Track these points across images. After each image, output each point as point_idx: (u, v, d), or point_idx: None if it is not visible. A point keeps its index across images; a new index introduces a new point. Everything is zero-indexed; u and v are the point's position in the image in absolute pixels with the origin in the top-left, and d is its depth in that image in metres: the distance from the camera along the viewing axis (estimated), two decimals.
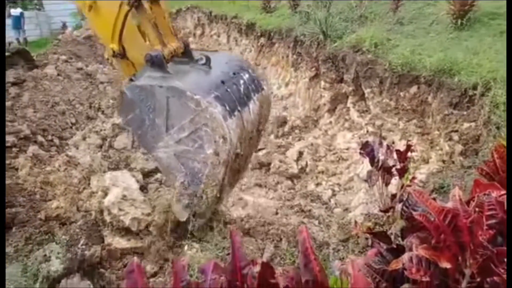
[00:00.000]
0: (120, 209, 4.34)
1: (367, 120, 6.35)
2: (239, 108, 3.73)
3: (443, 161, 4.65)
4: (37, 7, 24.02)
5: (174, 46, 4.02)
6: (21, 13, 19.71)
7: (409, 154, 2.61)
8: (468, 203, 1.33)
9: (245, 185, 5.91)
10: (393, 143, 5.74)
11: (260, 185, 5.88)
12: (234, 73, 3.99)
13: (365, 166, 4.97)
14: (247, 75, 4.08)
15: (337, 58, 7.11)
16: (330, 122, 7.05)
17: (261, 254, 4.13)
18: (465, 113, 4.77)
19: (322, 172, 5.93)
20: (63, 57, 9.68)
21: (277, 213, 5.31)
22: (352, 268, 1.01)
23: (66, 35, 13.22)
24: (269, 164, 6.11)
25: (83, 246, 4.01)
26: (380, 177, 2.23)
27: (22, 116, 7.16)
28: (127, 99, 3.81)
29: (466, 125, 4.65)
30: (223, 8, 13.18)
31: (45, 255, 3.72)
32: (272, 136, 7.10)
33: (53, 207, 4.94)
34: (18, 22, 19.28)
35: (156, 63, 3.74)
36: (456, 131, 4.70)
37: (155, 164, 4.99)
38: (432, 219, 1.30)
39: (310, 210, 5.19)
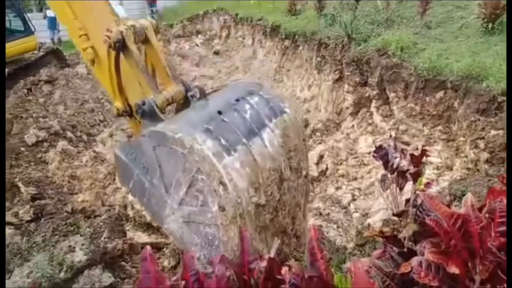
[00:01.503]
0: None
1: (390, 124, 6.26)
2: (244, 141, 2.82)
3: (468, 169, 4.53)
4: None
5: (171, 91, 3.37)
6: None
7: (424, 159, 2.55)
8: (480, 209, 1.32)
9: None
10: (417, 149, 5.63)
11: None
12: (237, 99, 3.09)
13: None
14: (256, 98, 3.14)
15: (362, 61, 7.04)
16: (353, 126, 6.99)
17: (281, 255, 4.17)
18: (492, 120, 4.63)
19: (343, 176, 5.89)
20: None
21: None
22: (354, 267, 1.03)
23: None
24: None
25: (106, 239, 4.16)
26: (394, 181, 2.22)
27: (53, 112, 7.49)
28: (123, 163, 3.30)
29: (493, 132, 4.51)
30: (249, 10, 13.30)
31: (70, 246, 3.88)
32: None
33: (79, 201, 5.16)
34: (53, 23, 20.03)
35: (147, 113, 3.17)
36: (483, 138, 4.57)
37: None
38: (443, 224, 1.30)
39: (328, 214, 5.17)
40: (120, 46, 3.14)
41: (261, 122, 3.03)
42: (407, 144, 5.77)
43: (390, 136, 6.21)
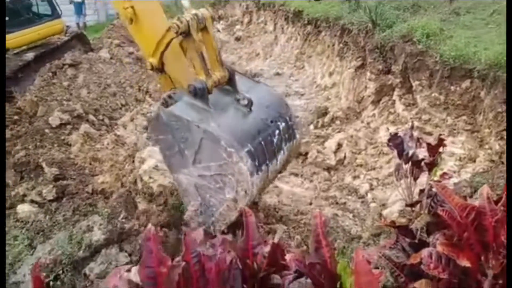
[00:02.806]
0: (150, 177, 4.58)
1: (413, 114, 6.08)
2: (267, 162, 3.74)
3: (492, 161, 4.36)
4: None
5: (219, 75, 3.91)
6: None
7: (446, 149, 2.47)
8: (497, 202, 1.26)
9: (281, 174, 5.93)
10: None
11: (296, 175, 5.87)
12: (271, 121, 3.92)
13: None
14: (283, 124, 4.01)
15: (385, 48, 6.84)
16: (374, 115, 6.84)
17: (291, 242, 4.18)
18: None
19: (361, 165, 5.80)
20: (116, 41, 10.15)
21: (311, 204, 5.29)
22: (356, 256, 1.01)
23: (120, 20, 13.81)
24: (307, 154, 6.07)
25: (123, 220, 4.26)
26: (408, 171, 2.15)
27: (76, 96, 7.65)
28: (162, 121, 3.78)
29: None
30: None
31: (88, 226, 4.00)
32: (311, 126, 7.03)
33: (99, 182, 5.29)
34: (80, 8, 20.38)
35: (199, 95, 3.69)
36: None
37: None
38: (456, 216, 1.25)
39: (345, 203, 5.12)
40: (182, 33, 3.64)
41: (280, 147, 3.97)
42: (430, 134, 5.61)
43: (412, 126, 6.05)
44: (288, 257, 1.08)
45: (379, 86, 6.84)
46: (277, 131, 3.91)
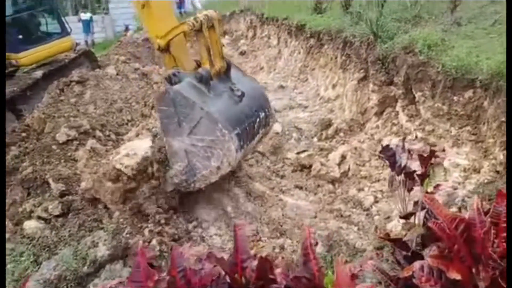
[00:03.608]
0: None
1: (416, 125, 6.07)
2: (248, 143, 4.79)
3: (497, 172, 4.32)
4: (105, 11, 25.85)
5: (219, 66, 4.83)
6: (91, 17, 21.35)
7: (449, 161, 2.46)
8: (487, 214, 1.26)
9: (285, 187, 5.93)
10: (444, 150, 5.45)
11: (300, 187, 5.87)
12: (256, 110, 5.01)
13: None
14: (263, 114, 5.13)
15: (387, 60, 6.87)
16: (377, 126, 6.83)
17: (295, 256, 4.15)
18: None
19: (365, 177, 5.78)
20: (122, 58, 10.34)
21: (315, 217, 5.27)
22: (337, 267, 1.01)
23: (127, 37, 14.11)
24: (310, 166, 6.07)
25: (128, 235, 4.29)
26: (402, 183, 2.15)
27: (83, 112, 7.76)
28: (169, 96, 4.55)
29: None
30: (275, 10, 13.28)
31: (93, 241, 4.04)
32: (315, 139, 7.04)
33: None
34: (88, 26, 20.90)
35: (204, 80, 4.60)
36: None
37: None
38: (446, 228, 1.25)
39: (349, 216, 5.09)
40: (196, 29, 4.57)
41: (258, 131, 5.07)
42: (433, 145, 5.58)
43: (416, 137, 6.03)
44: (276, 271, 1.09)
45: (382, 97, 6.85)
46: (258, 119, 4.98)
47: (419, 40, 6.35)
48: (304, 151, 6.44)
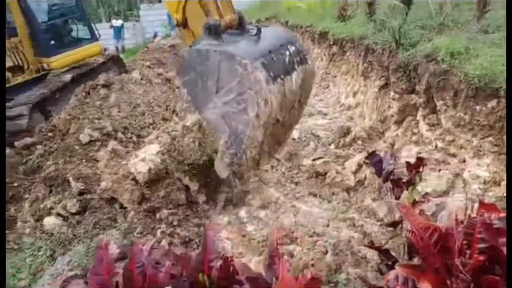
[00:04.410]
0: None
1: (437, 134, 5.89)
2: (282, 76, 4.20)
3: None
4: (136, 18, 26.74)
5: (230, 18, 4.54)
6: (122, 24, 22.14)
7: (469, 172, 2.36)
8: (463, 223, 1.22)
9: (299, 193, 5.88)
10: (464, 161, 5.26)
11: (314, 195, 5.80)
12: (281, 45, 4.44)
13: (428, 183, 4.63)
14: (293, 48, 4.51)
15: (409, 68, 6.72)
16: (397, 135, 6.67)
17: (304, 264, 4.10)
18: None
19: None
20: (147, 63, 10.63)
21: (328, 225, 5.19)
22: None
23: (154, 43, 14.51)
24: (326, 173, 5.99)
25: (139, 235, 4.38)
26: (389, 190, 2.09)
27: (107, 114, 8.03)
28: (185, 62, 4.45)
29: None
30: (300, 17, 13.31)
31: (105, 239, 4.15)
32: (332, 146, 6.95)
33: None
34: (118, 32, 21.68)
35: (213, 31, 4.25)
36: None
37: None
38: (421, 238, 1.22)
39: (362, 226, 4.98)
40: None
41: (293, 66, 4.42)
42: (454, 155, 5.41)
43: (436, 146, 5.85)
44: (240, 272, 1.10)
45: (403, 105, 6.70)
46: (287, 52, 4.42)
47: (442, 48, 6.19)
48: (320, 158, 6.36)
